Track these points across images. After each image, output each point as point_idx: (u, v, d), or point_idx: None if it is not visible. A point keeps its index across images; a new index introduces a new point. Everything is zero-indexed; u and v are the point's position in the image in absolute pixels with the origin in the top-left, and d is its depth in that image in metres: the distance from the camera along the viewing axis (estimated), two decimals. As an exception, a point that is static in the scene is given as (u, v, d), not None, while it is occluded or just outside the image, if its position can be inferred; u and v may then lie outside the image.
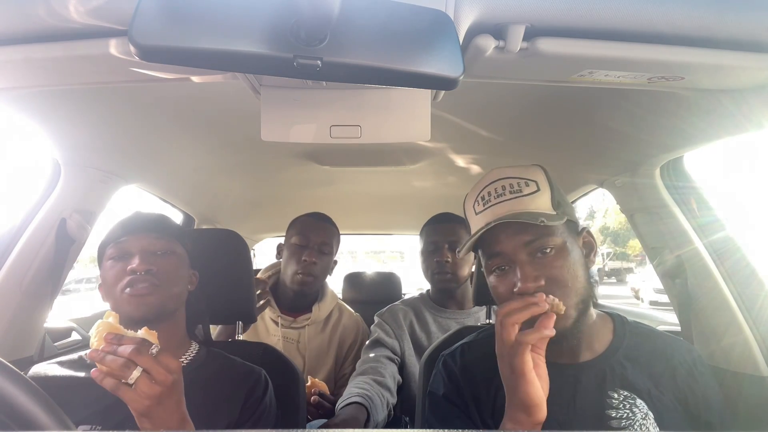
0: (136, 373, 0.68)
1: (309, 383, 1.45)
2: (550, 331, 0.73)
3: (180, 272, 0.98)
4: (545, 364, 0.77)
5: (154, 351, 0.71)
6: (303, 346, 1.64)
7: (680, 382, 0.86)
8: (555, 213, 0.82)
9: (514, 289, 0.81)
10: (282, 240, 1.75)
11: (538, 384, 0.74)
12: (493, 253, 0.85)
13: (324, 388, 1.48)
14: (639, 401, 0.83)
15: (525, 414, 0.74)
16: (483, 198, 0.87)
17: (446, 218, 1.67)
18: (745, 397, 1.07)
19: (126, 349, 0.68)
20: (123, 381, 0.68)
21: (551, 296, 0.76)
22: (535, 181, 0.85)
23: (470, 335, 1.02)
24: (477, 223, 0.88)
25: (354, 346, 1.72)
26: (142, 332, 0.73)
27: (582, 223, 0.91)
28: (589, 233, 0.90)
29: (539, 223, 0.78)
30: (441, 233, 1.63)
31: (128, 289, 0.89)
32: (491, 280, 0.88)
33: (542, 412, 0.74)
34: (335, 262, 1.74)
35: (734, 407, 1.06)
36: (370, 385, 1.38)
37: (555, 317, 0.75)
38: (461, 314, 1.63)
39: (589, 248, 0.89)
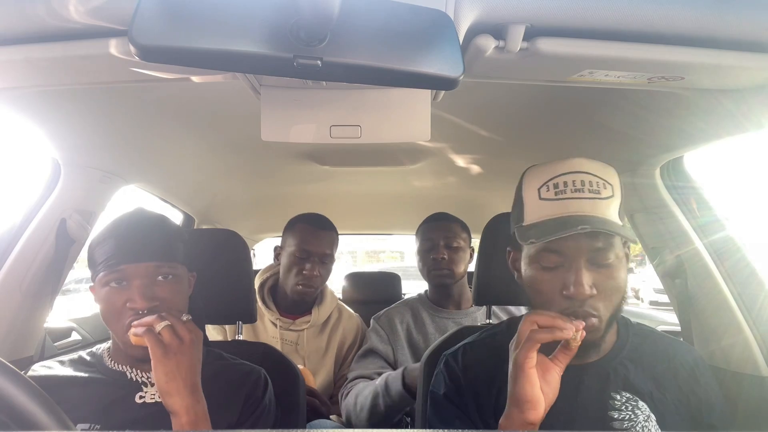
0: (163, 323, 0.80)
1: None
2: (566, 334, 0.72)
3: (181, 293, 0.92)
4: (559, 374, 0.76)
5: (184, 318, 0.83)
6: (302, 348, 1.64)
7: (682, 384, 0.86)
8: (621, 224, 0.79)
9: (564, 291, 0.78)
10: (279, 241, 1.73)
11: (536, 383, 0.73)
12: (552, 249, 0.79)
13: (309, 382, 1.47)
14: (641, 403, 0.83)
15: (518, 410, 0.74)
16: (556, 186, 0.80)
17: (442, 217, 1.69)
18: (745, 397, 1.07)
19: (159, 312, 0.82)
20: (151, 329, 0.79)
21: (578, 324, 0.74)
22: (612, 185, 0.80)
23: (472, 335, 1.02)
24: (539, 209, 0.81)
25: (353, 347, 1.72)
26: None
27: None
28: (627, 246, 0.86)
29: (620, 238, 0.75)
30: (437, 231, 1.64)
31: (132, 330, 0.84)
32: (536, 273, 0.82)
33: (536, 412, 0.73)
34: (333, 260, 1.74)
35: (734, 407, 1.06)
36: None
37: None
38: (459, 314, 1.64)
39: (627, 262, 0.86)
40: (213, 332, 1.59)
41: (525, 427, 0.74)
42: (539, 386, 0.74)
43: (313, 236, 1.60)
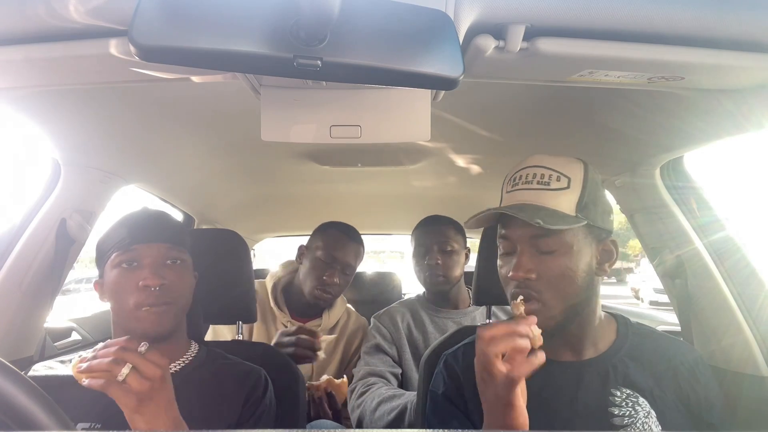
0: (125, 369, 0.69)
1: (324, 381, 1.43)
2: (540, 360, 0.72)
3: (188, 282, 0.96)
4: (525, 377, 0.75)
5: (142, 349, 0.72)
6: None
7: (682, 383, 0.86)
8: (573, 215, 0.81)
9: (509, 274, 0.84)
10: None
11: (524, 410, 0.73)
12: (501, 235, 0.89)
13: (339, 390, 1.45)
14: (641, 400, 0.83)
15: (507, 420, 0.73)
16: (513, 180, 0.88)
17: (435, 221, 1.68)
18: (745, 397, 1.07)
19: (111, 349, 0.70)
20: (113, 379, 0.69)
21: (534, 328, 0.74)
22: (569, 178, 0.83)
23: (472, 336, 1.02)
24: (503, 201, 0.90)
25: (358, 350, 1.72)
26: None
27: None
28: (613, 243, 0.87)
29: (534, 224, 0.77)
30: (430, 236, 1.63)
31: (144, 308, 0.87)
32: (498, 260, 0.91)
33: (524, 417, 0.73)
34: None
35: (734, 407, 1.06)
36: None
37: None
38: (458, 314, 1.64)
39: (606, 257, 0.87)
40: (226, 332, 1.58)
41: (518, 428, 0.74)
42: (525, 410, 0.73)
43: (342, 244, 1.60)
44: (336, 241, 1.61)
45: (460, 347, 0.98)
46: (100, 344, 0.73)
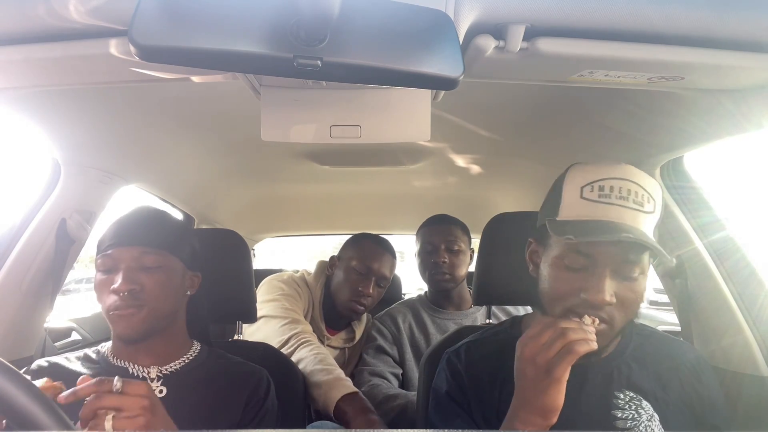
0: (108, 418, 0.66)
1: None
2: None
3: (170, 287, 0.92)
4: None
5: (118, 385, 0.68)
6: (347, 364, 1.63)
7: (685, 385, 0.86)
8: (656, 244, 0.76)
9: (583, 294, 0.76)
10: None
11: (563, 392, 0.72)
12: (583, 251, 0.78)
13: None
14: (645, 402, 0.83)
15: (542, 418, 0.72)
16: (602, 188, 0.78)
17: (442, 220, 1.68)
18: (745, 397, 1.07)
19: (88, 401, 0.66)
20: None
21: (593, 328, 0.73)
22: (655, 201, 0.79)
23: (475, 333, 1.02)
24: (578, 207, 0.79)
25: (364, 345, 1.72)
26: None
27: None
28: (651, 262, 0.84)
29: (654, 259, 0.74)
30: (437, 234, 1.63)
31: (113, 312, 0.86)
32: (558, 272, 0.80)
33: (556, 417, 0.73)
34: None
35: (734, 407, 1.06)
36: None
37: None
38: (459, 315, 1.64)
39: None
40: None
41: (544, 429, 0.73)
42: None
43: (378, 255, 1.58)
44: (372, 252, 1.58)
45: (462, 345, 0.98)
46: (79, 386, 0.68)
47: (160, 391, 0.90)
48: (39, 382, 0.68)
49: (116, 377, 0.69)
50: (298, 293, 1.53)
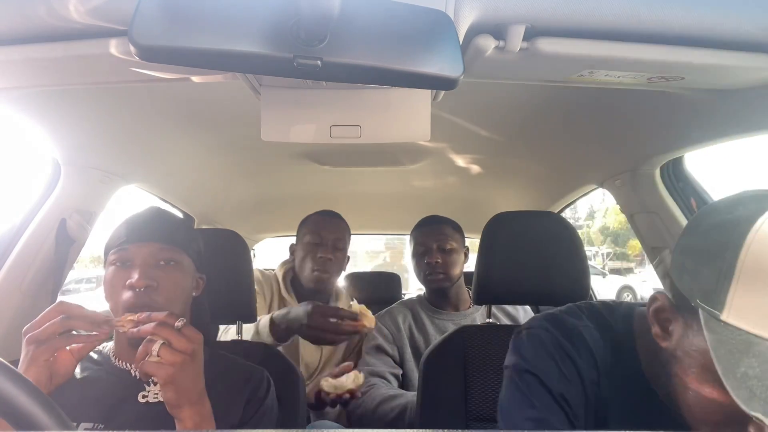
0: (157, 346, 0.75)
1: (350, 376, 1.28)
2: None
3: (182, 284, 0.93)
4: None
5: (179, 324, 0.77)
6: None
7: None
8: None
9: None
10: (287, 239, 1.73)
11: None
12: None
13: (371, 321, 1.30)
14: None
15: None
16: None
17: (434, 220, 1.69)
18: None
19: (149, 326, 0.75)
20: (148, 356, 0.74)
21: None
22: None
23: (552, 309, 0.85)
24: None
25: (360, 340, 1.72)
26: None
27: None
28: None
29: None
30: (430, 235, 1.64)
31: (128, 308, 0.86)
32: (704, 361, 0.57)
33: None
34: (348, 258, 1.74)
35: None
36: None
37: None
38: (458, 315, 1.64)
39: None
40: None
41: None
42: None
43: (325, 224, 1.63)
44: (320, 222, 1.63)
45: (542, 319, 0.80)
46: (144, 314, 0.77)
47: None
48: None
49: (181, 318, 0.78)
50: (260, 290, 1.61)
